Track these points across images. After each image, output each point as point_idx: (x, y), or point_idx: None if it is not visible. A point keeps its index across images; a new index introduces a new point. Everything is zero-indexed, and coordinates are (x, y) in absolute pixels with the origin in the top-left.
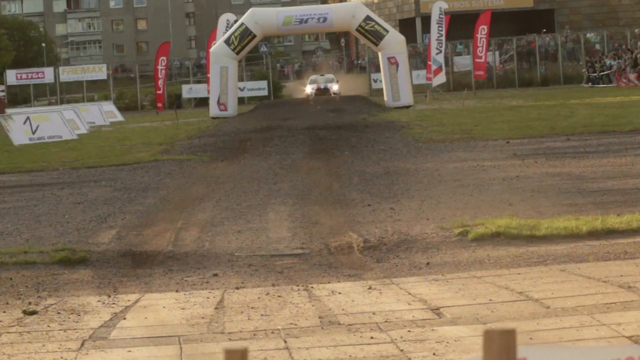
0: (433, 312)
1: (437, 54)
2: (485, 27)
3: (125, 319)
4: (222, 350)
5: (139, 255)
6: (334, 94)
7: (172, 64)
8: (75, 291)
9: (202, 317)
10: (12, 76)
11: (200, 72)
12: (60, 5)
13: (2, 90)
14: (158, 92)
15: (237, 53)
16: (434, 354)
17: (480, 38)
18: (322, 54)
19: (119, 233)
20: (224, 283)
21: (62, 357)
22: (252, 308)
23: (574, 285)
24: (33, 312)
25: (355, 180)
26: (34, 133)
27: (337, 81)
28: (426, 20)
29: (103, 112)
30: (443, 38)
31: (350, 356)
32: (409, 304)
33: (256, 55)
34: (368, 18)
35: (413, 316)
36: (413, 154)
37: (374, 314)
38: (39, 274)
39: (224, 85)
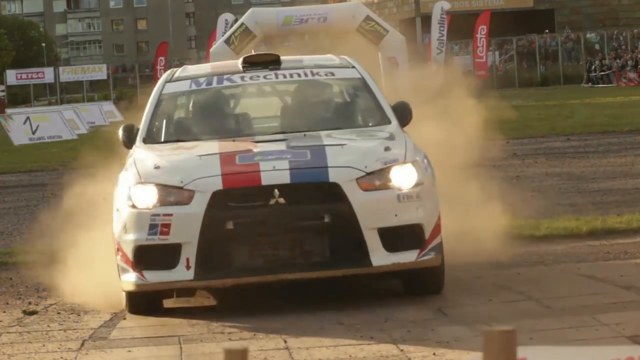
0: (433, 312)
1: (437, 54)
2: (484, 27)
3: (125, 319)
4: (222, 350)
5: None
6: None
7: (172, 64)
8: None
9: (202, 317)
10: (12, 76)
11: None
12: (60, 5)
13: (2, 90)
14: None
15: (237, 53)
16: (433, 354)
17: (480, 38)
18: None
19: None
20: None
21: (62, 357)
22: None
23: (574, 285)
24: (33, 312)
25: None
26: (34, 133)
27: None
28: (426, 20)
29: (103, 112)
30: (444, 38)
31: (350, 356)
32: (409, 303)
33: None
34: (368, 18)
35: (413, 316)
36: None
37: (374, 313)
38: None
39: None
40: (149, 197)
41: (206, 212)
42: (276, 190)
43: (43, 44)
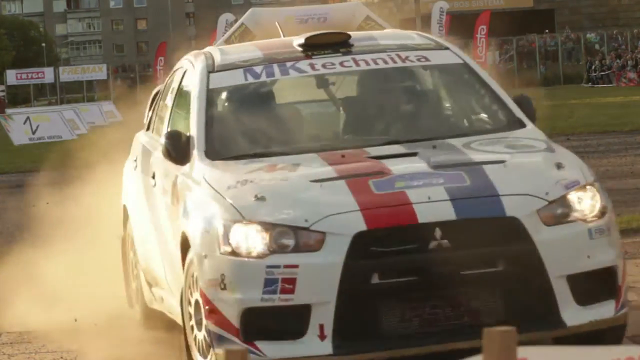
0: None
1: None
2: (484, 27)
3: (124, 318)
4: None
5: None
6: None
7: (173, 64)
8: None
9: None
10: (12, 76)
11: None
12: (60, 5)
13: (2, 90)
14: None
15: None
16: (433, 353)
17: (480, 38)
18: None
19: None
20: None
21: (62, 357)
22: None
23: None
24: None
25: None
26: (34, 133)
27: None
28: (426, 20)
29: (103, 112)
30: (443, 38)
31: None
32: None
33: None
34: (368, 18)
35: None
36: None
37: None
38: None
39: None
40: (259, 241)
41: (346, 261)
42: (438, 230)
43: (43, 44)
